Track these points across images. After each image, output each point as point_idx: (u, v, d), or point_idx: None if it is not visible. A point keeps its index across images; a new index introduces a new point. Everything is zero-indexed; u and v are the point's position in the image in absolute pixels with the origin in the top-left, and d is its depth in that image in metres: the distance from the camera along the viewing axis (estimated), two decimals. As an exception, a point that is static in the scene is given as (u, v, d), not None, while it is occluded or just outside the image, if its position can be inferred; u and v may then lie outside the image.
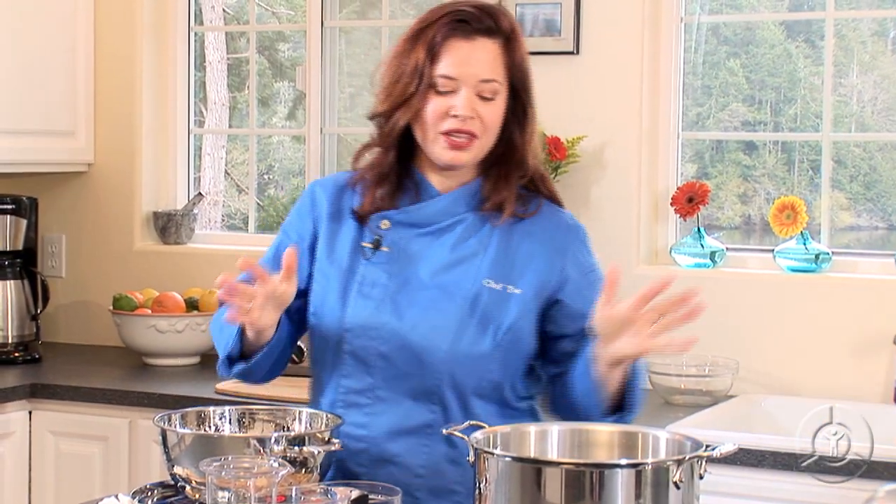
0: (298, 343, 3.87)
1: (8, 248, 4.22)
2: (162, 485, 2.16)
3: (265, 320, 2.19)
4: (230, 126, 5.27)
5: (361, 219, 2.33)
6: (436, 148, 2.27)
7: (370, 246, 2.31)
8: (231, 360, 2.30)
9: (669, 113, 3.89)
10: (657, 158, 3.89)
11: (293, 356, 3.88)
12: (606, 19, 3.87)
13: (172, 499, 2.12)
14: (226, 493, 1.81)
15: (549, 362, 2.31)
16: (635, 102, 3.86)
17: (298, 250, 2.23)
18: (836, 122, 3.88)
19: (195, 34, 4.64)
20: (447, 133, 2.25)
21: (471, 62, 2.25)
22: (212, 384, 3.75)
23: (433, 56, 2.26)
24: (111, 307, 4.18)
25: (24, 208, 4.27)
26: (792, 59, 4.07)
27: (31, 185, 4.49)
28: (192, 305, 4.17)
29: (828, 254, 3.71)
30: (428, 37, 2.27)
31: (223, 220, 4.94)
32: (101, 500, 2.10)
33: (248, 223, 4.65)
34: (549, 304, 2.29)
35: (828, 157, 3.82)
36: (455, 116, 2.24)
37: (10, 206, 4.23)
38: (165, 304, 4.12)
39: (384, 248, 2.30)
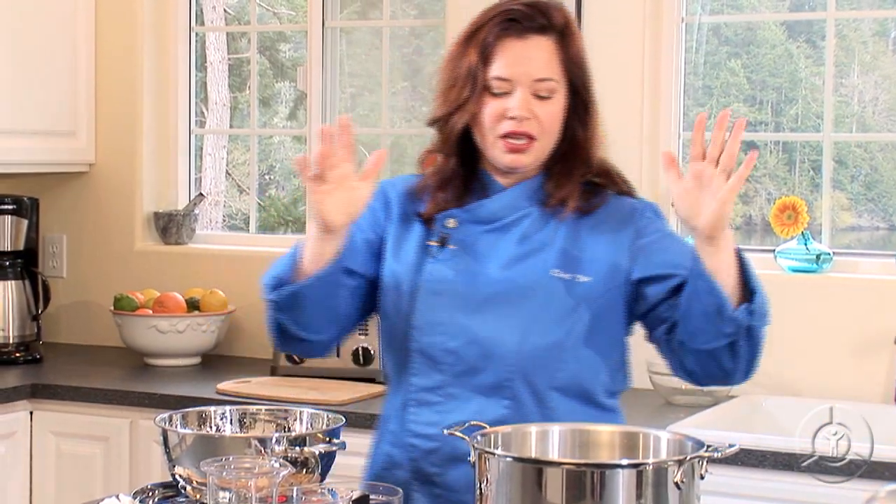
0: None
1: (9, 249, 4.22)
2: (163, 485, 2.16)
3: (330, 211, 2.11)
4: (231, 126, 5.27)
5: (427, 221, 2.30)
6: (495, 152, 2.25)
7: (437, 244, 2.28)
8: (280, 285, 2.21)
9: (670, 113, 3.89)
10: (658, 159, 3.89)
11: (293, 356, 3.91)
12: (607, 19, 3.87)
13: (173, 499, 2.12)
14: (227, 494, 1.81)
15: (657, 324, 2.22)
16: (636, 102, 3.86)
17: (384, 156, 2.19)
18: (837, 122, 3.88)
19: (196, 34, 4.64)
20: (505, 136, 2.22)
21: (524, 62, 2.22)
22: (213, 384, 3.75)
23: (486, 58, 2.23)
24: (112, 307, 4.18)
25: (25, 208, 4.27)
26: (793, 59, 4.08)
27: (32, 186, 4.49)
28: (193, 306, 4.17)
29: (829, 254, 3.71)
30: (480, 38, 2.24)
31: (224, 221, 4.94)
32: (102, 500, 2.10)
33: (249, 223, 4.65)
34: (632, 286, 2.23)
35: (829, 158, 3.82)
36: (512, 118, 2.21)
37: (10, 207, 4.23)
38: (166, 305, 4.13)
39: (451, 246, 2.27)
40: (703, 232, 2.04)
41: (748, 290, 2.09)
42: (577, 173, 2.28)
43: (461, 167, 2.30)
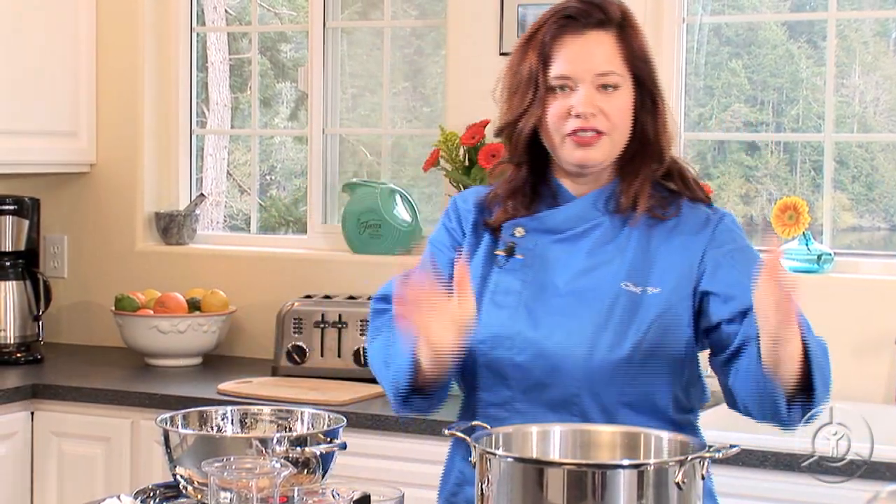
0: (299, 343, 3.91)
1: (10, 249, 4.22)
2: (164, 485, 2.16)
3: (439, 340, 2.02)
4: (232, 127, 5.26)
5: (495, 230, 2.25)
6: (564, 152, 2.19)
7: (503, 253, 2.22)
8: (404, 395, 2.13)
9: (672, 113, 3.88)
10: (659, 159, 3.89)
11: (294, 356, 3.91)
12: (608, 20, 3.87)
13: (175, 500, 2.12)
14: (228, 494, 1.81)
15: (717, 351, 2.16)
16: (637, 103, 3.85)
17: (469, 265, 2.10)
18: (838, 122, 3.88)
19: (197, 35, 4.64)
20: (572, 133, 2.17)
21: (584, 57, 2.17)
22: (214, 385, 3.75)
23: (545, 59, 2.18)
24: (113, 308, 4.18)
25: (26, 209, 4.27)
26: (794, 59, 4.08)
27: (33, 186, 4.50)
28: (194, 306, 4.17)
29: (830, 254, 3.71)
30: (538, 40, 2.19)
31: (225, 221, 4.94)
32: (104, 500, 2.10)
33: (249, 224, 4.65)
34: (699, 299, 2.16)
35: (830, 158, 3.82)
36: (577, 116, 2.15)
37: (12, 207, 4.23)
38: (167, 305, 4.13)
39: (518, 256, 2.21)
40: (765, 332, 1.95)
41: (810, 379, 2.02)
42: (648, 168, 2.22)
43: (531, 175, 2.25)
